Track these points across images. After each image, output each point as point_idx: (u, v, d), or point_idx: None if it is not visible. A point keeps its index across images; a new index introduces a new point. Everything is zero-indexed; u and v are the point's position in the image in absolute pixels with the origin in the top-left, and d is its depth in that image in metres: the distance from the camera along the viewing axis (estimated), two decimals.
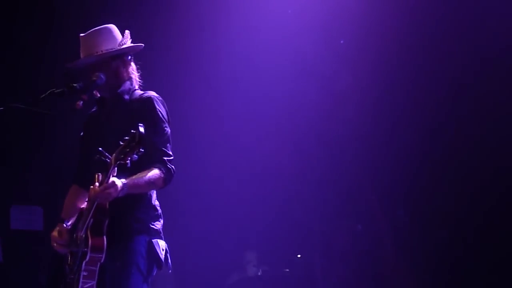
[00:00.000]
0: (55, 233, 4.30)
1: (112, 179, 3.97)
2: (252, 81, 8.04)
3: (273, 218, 8.34)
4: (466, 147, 7.75)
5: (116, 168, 3.95)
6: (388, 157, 7.99)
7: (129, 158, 3.86)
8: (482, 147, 7.69)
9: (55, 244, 4.29)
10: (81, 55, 4.40)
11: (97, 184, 4.02)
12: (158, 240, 4.27)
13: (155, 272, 4.27)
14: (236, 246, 8.54)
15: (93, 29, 4.41)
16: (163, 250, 4.27)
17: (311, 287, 8.21)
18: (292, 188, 8.41)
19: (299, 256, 8.53)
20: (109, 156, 3.95)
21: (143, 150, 3.86)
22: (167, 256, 4.30)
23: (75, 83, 4.24)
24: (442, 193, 8.02)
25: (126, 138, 3.86)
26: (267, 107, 8.10)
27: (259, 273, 8.44)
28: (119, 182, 3.99)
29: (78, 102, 4.17)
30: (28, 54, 7.64)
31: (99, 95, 4.40)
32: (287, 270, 8.48)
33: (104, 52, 4.32)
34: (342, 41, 8.26)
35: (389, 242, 7.81)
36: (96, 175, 4.06)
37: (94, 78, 4.25)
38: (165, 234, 4.36)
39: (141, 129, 3.81)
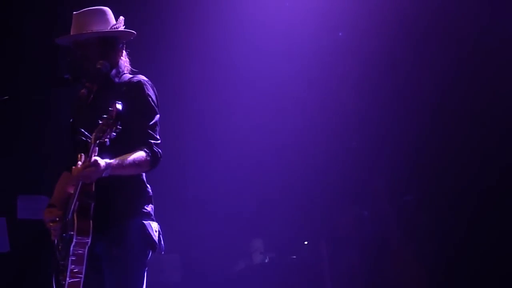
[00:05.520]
0: (47, 212, 4.25)
1: (94, 158, 3.90)
2: (251, 72, 8.04)
3: (279, 205, 8.35)
4: (479, 132, 7.71)
5: (97, 148, 3.88)
6: (395, 141, 7.96)
7: (108, 136, 3.81)
8: (493, 132, 7.66)
9: (47, 221, 4.24)
10: (71, 33, 4.31)
11: (79, 163, 3.95)
12: (150, 222, 4.21)
13: (150, 254, 4.22)
14: (243, 233, 8.55)
15: (87, 9, 4.33)
16: (156, 231, 4.21)
17: (318, 274, 8.21)
18: (298, 174, 8.40)
19: (306, 242, 8.53)
20: (90, 136, 3.89)
21: (120, 127, 3.80)
22: (160, 238, 4.24)
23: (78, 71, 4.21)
24: (451, 179, 7.98)
25: (104, 116, 3.81)
26: (272, 96, 8.09)
27: (266, 260, 8.45)
28: (102, 162, 3.91)
29: (82, 91, 4.14)
30: (28, 44, 7.63)
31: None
32: (294, 257, 8.49)
33: (94, 31, 4.24)
34: (340, 34, 8.24)
35: (396, 228, 7.79)
36: (79, 155, 3.99)
37: (99, 66, 4.19)
38: (172, 222, 4.32)
39: (118, 106, 3.76)
